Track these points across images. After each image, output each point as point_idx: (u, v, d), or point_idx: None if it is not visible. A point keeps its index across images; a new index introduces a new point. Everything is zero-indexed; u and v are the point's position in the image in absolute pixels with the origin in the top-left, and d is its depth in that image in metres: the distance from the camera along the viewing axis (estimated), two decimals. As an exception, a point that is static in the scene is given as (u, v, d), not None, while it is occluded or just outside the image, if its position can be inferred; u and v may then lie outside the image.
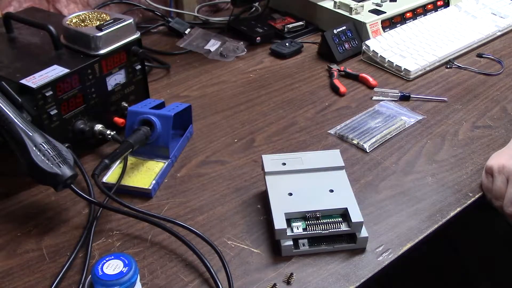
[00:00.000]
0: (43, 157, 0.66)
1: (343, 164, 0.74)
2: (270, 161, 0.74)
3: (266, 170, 0.73)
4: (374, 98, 1.01)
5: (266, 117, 0.96)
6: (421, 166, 0.83)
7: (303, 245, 0.67)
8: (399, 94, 1.01)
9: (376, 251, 0.68)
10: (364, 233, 0.67)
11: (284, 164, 0.74)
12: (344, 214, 0.67)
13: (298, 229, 0.66)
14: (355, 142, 0.88)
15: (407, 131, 0.92)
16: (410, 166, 0.83)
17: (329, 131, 0.91)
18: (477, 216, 0.79)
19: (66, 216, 0.74)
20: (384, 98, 1.01)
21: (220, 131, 0.92)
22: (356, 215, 0.66)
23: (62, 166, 0.67)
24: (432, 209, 0.75)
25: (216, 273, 0.63)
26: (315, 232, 0.66)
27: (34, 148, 0.66)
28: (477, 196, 0.77)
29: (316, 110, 0.98)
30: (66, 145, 0.75)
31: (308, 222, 0.66)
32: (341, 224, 0.67)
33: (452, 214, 0.74)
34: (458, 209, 0.75)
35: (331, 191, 0.70)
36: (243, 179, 0.81)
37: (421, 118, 0.95)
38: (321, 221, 0.66)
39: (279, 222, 0.65)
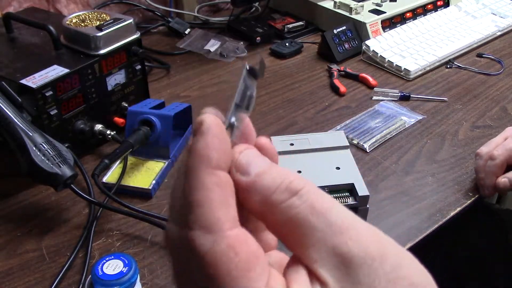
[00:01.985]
0: (43, 157, 0.66)
1: (348, 144, 0.77)
2: (279, 142, 0.78)
3: None
4: (374, 98, 1.01)
5: (266, 117, 0.96)
6: (421, 166, 0.83)
7: None
8: (399, 94, 1.01)
9: (376, 251, 0.68)
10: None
11: (292, 144, 0.77)
12: (350, 189, 0.71)
13: None
14: (355, 142, 0.88)
15: (407, 131, 0.92)
16: (410, 166, 0.83)
17: (329, 131, 0.91)
18: (470, 217, 0.79)
19: (66, 216, 0.74)
20: (384, 98, 1.01)
21: (220, 131, 0.92)
22: (362, 190, 0.70)
23: (62, 166, 0.67)
24: (432, 209, 0.75)
25: (216, 273, 0.63)
26: None
27: (34, 148, 0.66)
28: (477, 195, 0.77)
29: (316, 110, 0.98)
30: (66, 145, 0.75)
31: None
32: (348, 198, 0.70)
33: (452, 214, 0.74)
34: (458, 209, 0.75)
35: (338, 168, 0.74)
36: (243, 179, 0.80)
37: (421, 118, 0.95)
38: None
39: None
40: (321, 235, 0.24)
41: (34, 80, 0.74)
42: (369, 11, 1.22)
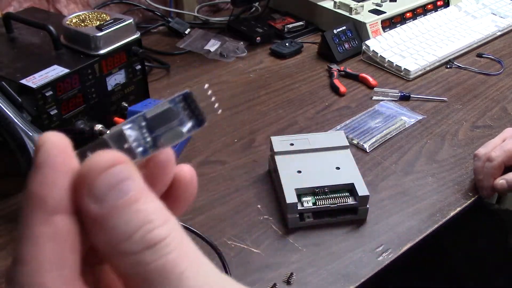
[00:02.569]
0: (43, 157, 0.66)
1: (348, 144, 0.78)
2: (279, 142, 0.78)
3: (275, 150, 0.76)
4: (374, 98, 1.01)
5: (266, 117, 0.96)
6: (421, 166, 0.83)
7: (308, 217, 0.71)
8: (399, 94, 1.01)
9: (376, 251, 0.68)
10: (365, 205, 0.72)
11: (292, 144, 0.77)
12: (350, 189, 0.71)
13: (308, 203, 0.70)
14: (355, 142, 0.88)
15: (407, 131, 0.92)
16: (410, 166, 0.83)
17: (329, 131, 0.91)
18: (468, 216, 0.79)
19: (66, 216, 0.74)
20: (384, 98, 1.01)
21: (220, 131, 0.92)
22: (362, 190, 0.70)
23: (62, 166, 0.67)
24: (432, 209, 0.75)
25: (216, 273, 0.63)
26: (324, 206, 0.70)
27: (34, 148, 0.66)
28: (477, 196, 0.77)
29: (316, 110, 0.98)
30: (66, 145, 0.75)
31: (317, 197, 0.70)
32: (348, 198, 0.71)
33: (452, 214, 0.74)
34: (458, 209, 0.75)
35: (338, 168, 0.74)
36: (243, 179, 0.81)
37: (421, 118, 0.95)
38: (330, 196, 0.71)
39: (291, 197, 0.69)
40: None
41: (34, 80, 0.74)
42: (369, 11, 1.22)
